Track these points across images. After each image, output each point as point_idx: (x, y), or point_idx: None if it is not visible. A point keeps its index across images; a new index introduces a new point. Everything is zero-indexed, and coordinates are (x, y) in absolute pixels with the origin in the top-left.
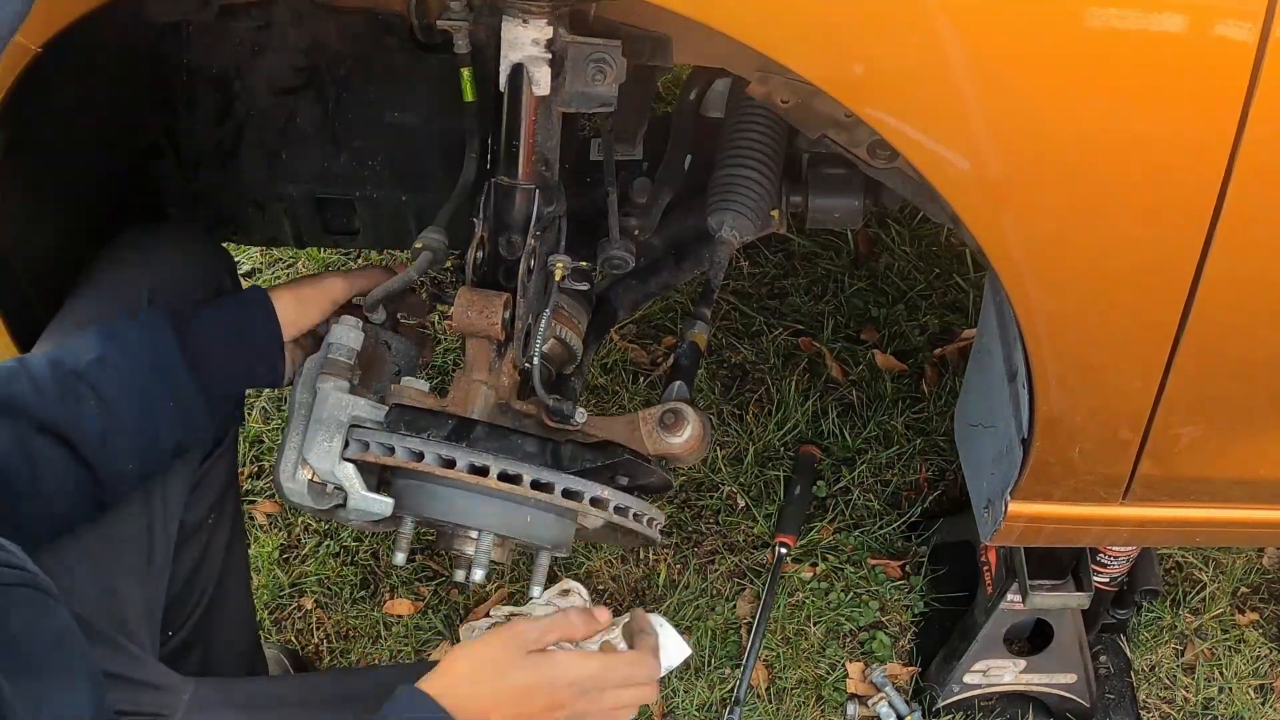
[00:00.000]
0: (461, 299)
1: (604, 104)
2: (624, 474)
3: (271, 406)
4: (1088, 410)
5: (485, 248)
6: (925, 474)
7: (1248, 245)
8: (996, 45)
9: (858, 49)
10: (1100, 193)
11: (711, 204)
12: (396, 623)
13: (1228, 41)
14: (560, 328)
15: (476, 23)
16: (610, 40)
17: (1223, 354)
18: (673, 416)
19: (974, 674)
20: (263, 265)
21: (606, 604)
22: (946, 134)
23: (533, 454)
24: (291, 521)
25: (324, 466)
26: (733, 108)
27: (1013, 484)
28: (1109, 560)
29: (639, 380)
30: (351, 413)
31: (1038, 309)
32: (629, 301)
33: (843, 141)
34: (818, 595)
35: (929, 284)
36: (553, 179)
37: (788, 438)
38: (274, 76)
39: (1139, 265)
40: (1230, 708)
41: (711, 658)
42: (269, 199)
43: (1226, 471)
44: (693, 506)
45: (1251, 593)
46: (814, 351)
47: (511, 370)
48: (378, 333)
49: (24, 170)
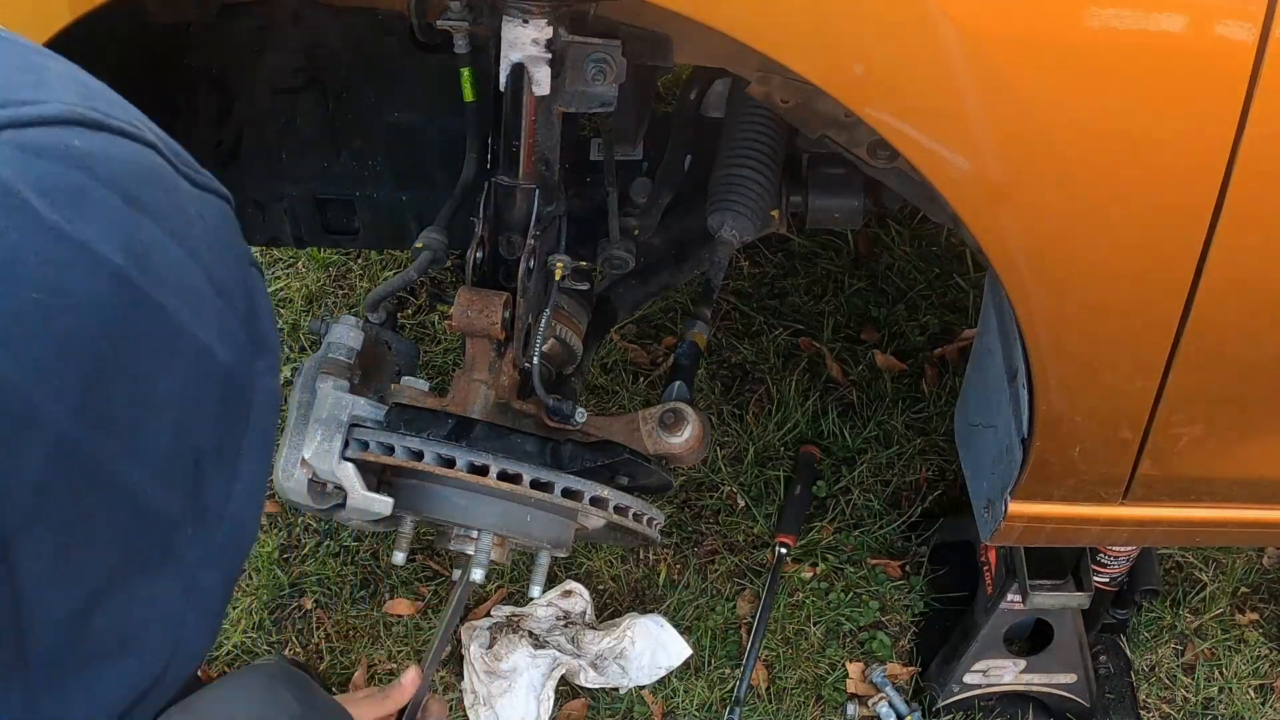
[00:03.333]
0: (461, 298)
1: (604, 104)
2: (624, 474)
3: None
4: (1088, 410)
5: (485, 247)
6: (925, 474)
7: (1248, 245)
8: (996, 45)
9: (858, 49)
10: (1100, 193)
11: (711, 204)
12: (397, 623)
13: (1228, 41)
14: (561, 328)
15: (476, 23)
16: (610, 40)
17: (1223, 354)
18: (673, 416)
19: (974, 674)
20: (263, 265)
21: (607, 604)
22: (946, 134)
23: (532, 453)
24: (291, 521)
25: (323, 466)
26: (733, 108)
27: (1013, 484)
28: (1109, 560)
29: (639, 380)
30: (351, 412)
31: (1038, 309)
32: (629, 301)
33: (843, 141)
34: (818, 595)
35: (929, 284)
36: (553, 179)
37: (788, 438)
38: (274, 76)
39: (1139, 265)
40: (1230, 708)
41: (711, 658)
42: (269, 199)
43: (1226, 471)
44: (693, 506)
45: (1251, 593)
46: (814, 351)
47: (511, 370)
48: (378, 332)
49: None
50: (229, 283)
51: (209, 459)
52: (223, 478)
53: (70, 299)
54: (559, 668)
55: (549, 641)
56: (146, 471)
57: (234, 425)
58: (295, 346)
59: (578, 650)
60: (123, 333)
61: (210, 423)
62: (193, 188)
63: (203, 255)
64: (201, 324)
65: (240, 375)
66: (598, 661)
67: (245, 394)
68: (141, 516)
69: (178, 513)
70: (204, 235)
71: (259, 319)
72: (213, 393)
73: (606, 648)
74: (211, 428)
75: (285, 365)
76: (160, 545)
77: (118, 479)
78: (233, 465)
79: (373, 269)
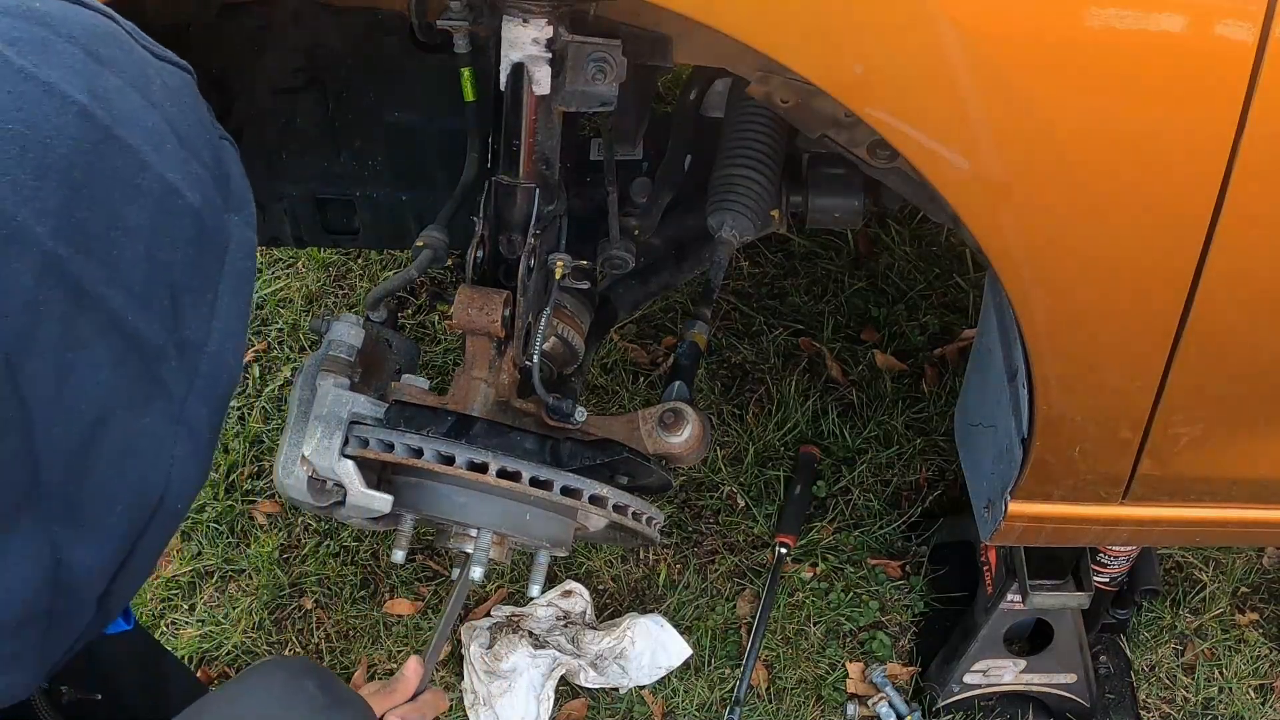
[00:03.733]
0: (462, 297)
1: (604, 103)
2: (624, 473)
3: (271, 407)
4: (1088, 410)
5: (485, 246)
6: (925, 474)
7: (1247, 245)
8: (996, 45)
9: (858, 49)
10: (1100, 193)
11: (711, 204)
12: (396, 623)
13: (1228, 41)
14: (563, 327)
15: (476, 22)
16: (610, 40)
17: (1222, 354)
18: (672, 416)
19: (974, 674)
20: (263, 265)
21: (607, 604)
22: (946, 134)
23: (532, 451)
24: (291, 521)
25: (323, 463)
26: (733, 108)
27: (1013, 484)
28: (1109, 560)
29: (639, 380)
30: (351, 409)
31: (1038, 309)
32: (629, 301)
33: (843, 141)
34: (818, 595)
35: (929, 284)
36: (553, 178)
37: (788, 438)
38: (274, 76)
39: (1139, 265)
40: (1230, 708)
41: (711, 658)
42: (269, 199)
43: (1226, 471)
44: (693, 506)
45: (1251, 593)
46: (814, 351)
47: (511, 368)
48: (378, 331)
49: None
50: (193, 137)
51: (185, 295)
52: (200, 315)
53: (42, 131)
54: (559, 668)
55: (549, 641)
56: (127, 296)
57: (208, 267)
58: (295, 346)
59: (578, 650)
60: (91, 162)
61: (183, 259)
62: (151, 56)
63: (165, 107)
64: (166, 164)
65: (211, 220)
66: (598, 661)
67: (219, 239)
68: (128, 340)
69: (160, 342)
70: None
71: (230, 179)
72: (183, 231)
73: (606, 648)
74: (185, 264)
75: (285, 365)
76: (148, 375)
77: (103, 303)
78: (210, 304)
79: (373, 269)
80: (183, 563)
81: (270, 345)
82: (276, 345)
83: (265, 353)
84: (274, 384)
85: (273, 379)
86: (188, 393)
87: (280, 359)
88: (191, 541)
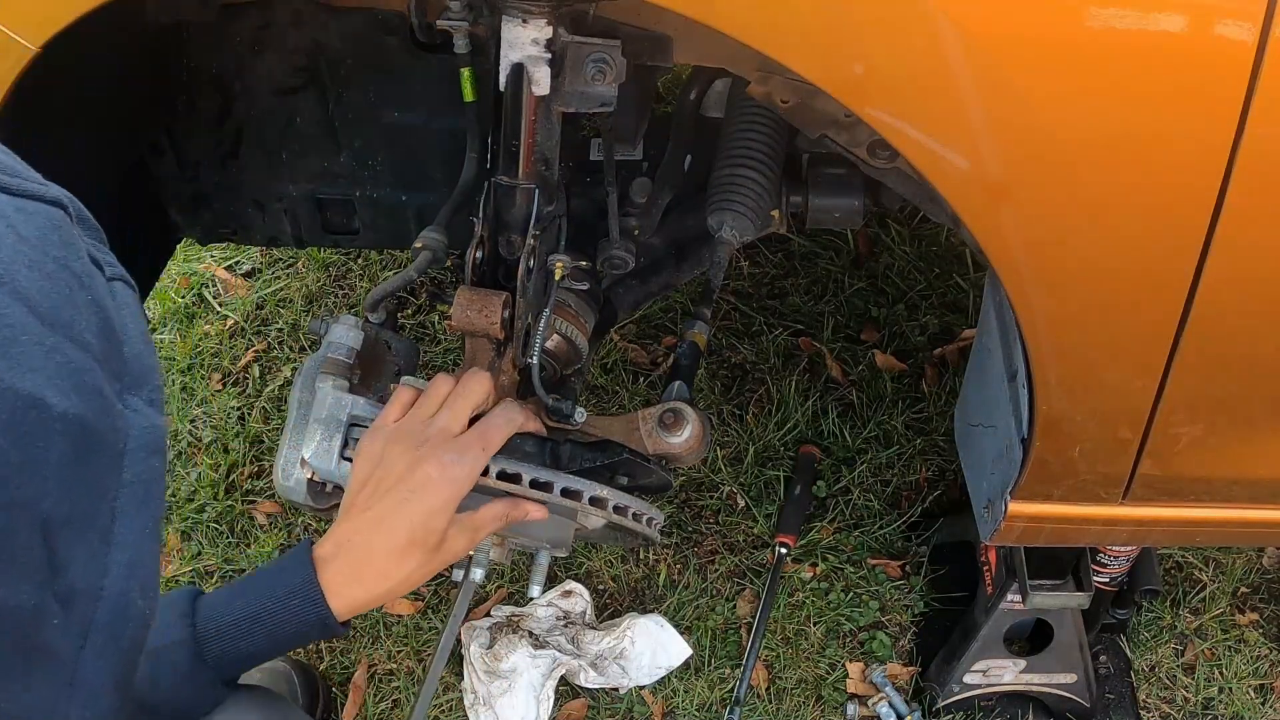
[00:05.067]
0: (461, 298)
1: (604, 104)
2: (624, 473)
3: (271, 407)
4: (1088, 410)
5: (485, 247)
6: (925, 474)
7: (1247, 245)
8: (996, 45)
9: (858, 49)
10: (1100, 193)
11: (711, 204)
12: (397, 623)
13: (1228, 41)
14: (567, 326)
15: (476, 23)
16: (610, 40)
17: (1223, 354)
18: (672, 416)
19: (974, 674)
20: (263, 265)
21: (607, 604)
22: (946, 134)
23: (531, 453)
24: (291, 522)
25: (323, 465)
26: (733, 108)
27: (1013, 484)
28: (1109, 560)
29: (639, 380)
30: (351, 411)
31: (1038, 309)
32: (629, 301)
33: (843, 141)
34: (818, 595)
35: (929, 284)
36: (553, 178)
37: (788, 438)
38: (274, 76)
39: (1139, 265)
40: (1230, 708)
41: (711, 658)
42: (269, 199)
43: (1226, 471)
44: (693, 506)
45: (1251, 593)
46: (814, 351)
47: (511, 369)
48: (377, 332)
49: None
50: (63, 308)
51: (64, 532)
52: (89, 551)
53: None
54: (559, 668)
55: (549, 641)
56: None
57: (98, 484)
58: (295, 346)
59: (578, 650)
60: None
61: (56, 488)
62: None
63: (17, 279)
64: (17, 369)
65: (98, 420)
66: (598, 661)
67: (110, 442)
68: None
69: (34, 602)
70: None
71: (122, 344)
72: (51, 452)
73: (606, 648)
74: (59, 494)
75: (285, 365)
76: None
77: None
78: (104, 533)
79: (373, 269)
80: (183, 563)
81: (270, 345)
82: (276, 345)
83: (265, 353)
84: (274, 384)
85: (273, 379)
86: (79, 650)
87: (280, 359)
88: (191, 541)
